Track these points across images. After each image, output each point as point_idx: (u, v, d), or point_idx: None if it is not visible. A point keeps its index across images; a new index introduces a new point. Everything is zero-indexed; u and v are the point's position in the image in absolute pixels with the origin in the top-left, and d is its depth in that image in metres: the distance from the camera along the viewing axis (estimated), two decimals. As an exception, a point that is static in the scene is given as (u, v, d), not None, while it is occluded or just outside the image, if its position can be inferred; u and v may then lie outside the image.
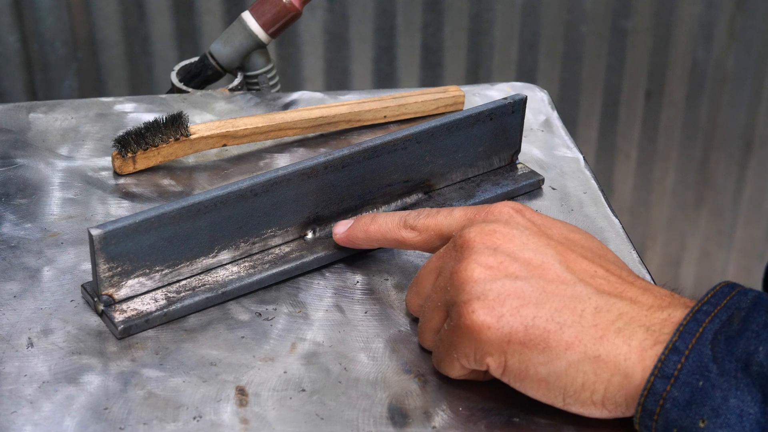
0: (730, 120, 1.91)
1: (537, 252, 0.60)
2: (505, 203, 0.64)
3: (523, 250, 0.60)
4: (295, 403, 0.62)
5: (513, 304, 0.58)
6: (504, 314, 0.58)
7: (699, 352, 0.55)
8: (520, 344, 0.57)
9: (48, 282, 0.70)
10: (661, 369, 0.55)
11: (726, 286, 0.58)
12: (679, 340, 0.56)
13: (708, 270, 2.06)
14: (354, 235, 0.71)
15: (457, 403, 0.62)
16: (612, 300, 0.58)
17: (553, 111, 0.94)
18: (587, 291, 0.58)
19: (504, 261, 0.60)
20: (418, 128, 0.75)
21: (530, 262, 0.60)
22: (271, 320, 0.68)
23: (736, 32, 1.83)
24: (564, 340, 0.57)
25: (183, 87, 0.97)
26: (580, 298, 0.58)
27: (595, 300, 0.58)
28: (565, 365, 0.57)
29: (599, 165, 1.93)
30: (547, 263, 0.60)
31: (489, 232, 0.61)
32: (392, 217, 0.69)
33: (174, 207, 0.66)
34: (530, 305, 0.58)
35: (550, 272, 0.59)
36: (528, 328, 0.57)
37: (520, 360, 0.58)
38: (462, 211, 0.66)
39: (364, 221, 0.70)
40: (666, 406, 0.55)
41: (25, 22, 1.59)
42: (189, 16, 1.66)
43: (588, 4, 1.77)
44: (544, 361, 0.57)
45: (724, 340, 0.55)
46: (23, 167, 0.83)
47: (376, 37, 1.73)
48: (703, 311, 0.57)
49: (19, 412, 0.61)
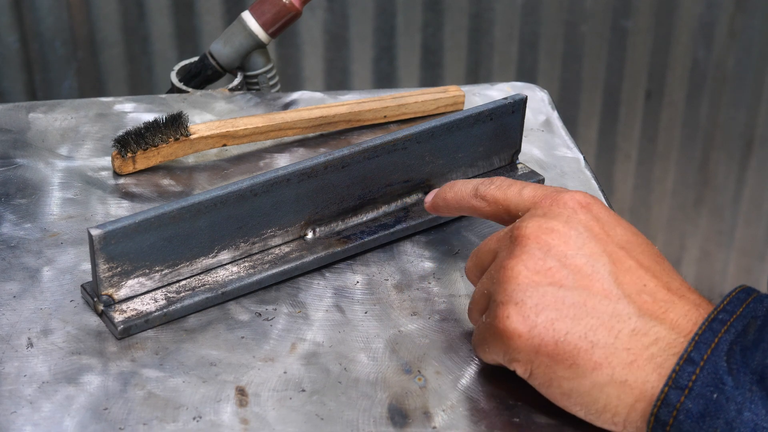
0: (730, 120, 1.91)
1: (590, 258, 0.59)
2: (575, 195, 0.62)
3: (577, 254, 0.59)
4: (295, 404, 0.62)
5: (549, 315, 0.57)
6: (537, 325, 0.57)
7: (714, 363, 0.54)
8: (548, 357, 0.57)
9: (48, 282, 0.70)
10: (675, 380, 0.54)
11: (742, 292, 0.57)
12: (695, 350, 0.55)
13: (708, 270, 2.06)
14: (436, 203, 0.71)
15: (457, 403, 0.62)
16: (651, 323, 0.57)
17: (553, 111, 0.94)
18: (629, 310, 0.57)
19: (553, 267, 0.58)
20: (418, 128, 0.75)
21: (580, 269, 0.58)
22: (271, 320, 0.68)
23: (736, 32, 1.83)
24: (593, 360, 0.56)
25: (183, 87, 0.97)
26: (620, 317, 0.57)
27: (635, 321, 0.57)
28: (589, 385, 0.56)
29: (599, 165, 1.93)
30: (597, 273, 0.58)
31: (546, 231, 0.60)
32: (467, 185, 0.68)
33: (174, 207, 0.66)
34: (566, 319, 0.57)
35: (596, 284, 0.58)
36: (558, 342, 0.57)
37: (545, 372, 0.57)
38: (532, 191, 0.64)
39: (444, 189, 0.70)
40: (679, 417, 0.54)
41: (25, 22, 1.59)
42: (189, 16, 1.66)
43: (588, 3, 1.77)
44: (569, 376, 0.57)
45: (739, 351, 0.54)
46: (23, 167, 0.83)
47: (376, 37, 1.73)
48: (719, 320, 0.56)
49: (19, 412, 0.60)
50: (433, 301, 0.70)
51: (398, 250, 0.75)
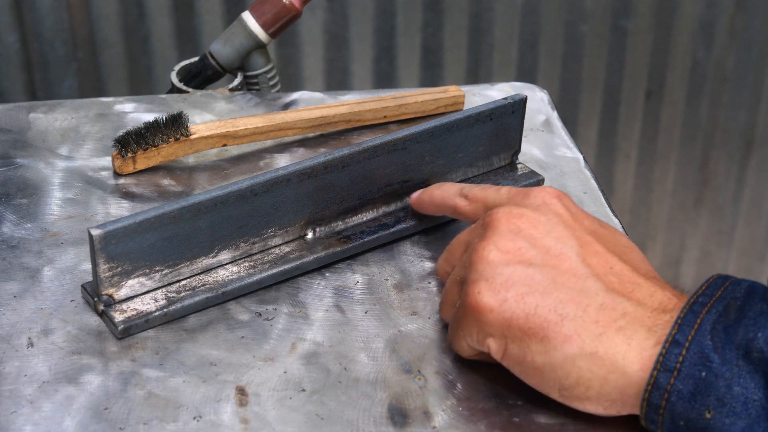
0: (730, 120, 1.91)
1: (558, 240, 0.61)
2: (546, 188, 0.65)
3: (545, 236, 0.61)
4: (295, 403, 0.62)
5: (519, 290, 0.59)
6: (508, 299, 0.59)
7: (699, 343, 0.55)
8: (520, 330, 0.58)
9: (48, 282, 0.70)
10: (663, 363, 0.55)
11: (719, 278, 0.59)
12: (679, 332, 0.56)
13: (708, 270, 2.06)
14: (422, 198, 0.74)
15: (457, 403, 0.62)
16: (619, 299, 0.58)
17: (553, 111, 0.94)
18: (596, 287, 0.59)
19: (522, 247, 0.60)
20: (418, 128, 0.75)
21: (549, 250, 0.60)
22: (271, 320, 0.68)
23: (736, 32, 1.83)
24: (563, 333, 0.57)
25: (183, 87, 0.97)
26: (587, 292, 0.58)
27: (602, 297, 0.58)
28: (561, 358, 0.57)
29: (599, 165, 1.93)
30: (565, 254, 0.60)
31: (516, 216, 0.62)
32: (455, 186, 0.72)
33: (174, 207, 0.66)
34: (536, 294, 0.59)
35: (564, 263, 0.60)
36: (529, 315, 0.58)
37: (519, 346, 0.58)
38: (508, 190, 0.67)
39: (433, 187, 0.74)
40: (671, 399, 0.55)
41: (25, 22, 1.59)
42: (189, 16, 1.66)
43: (588, 4, 1.77)
44: (542, 350, 0.58)
45: (722, 329, 0.56)
46: (23, 167, 0.83)
47: (376, 37, 1.73)
48: (699, 303, 0.57)
49: (19, 412, 0.61)
50: (433, 301, 0.70)
51: (398, 250, 0.75)
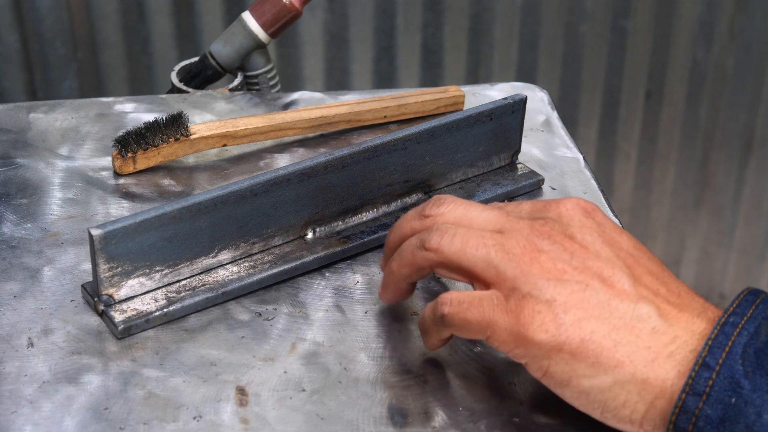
0: (730, 120, 1.91)
1: (608, 263, 0.59)
2: (572, 201, 0.63)
3: (596, 259, 0.59)
4: (295, 403, 0.62)
5: (577, 314, 0.57)
6: (565, 323, 0.57)
7: (730, 367, 0.54)
8: (570, 354, 0.57)
9: (48, 282, 0.70)
10: (692, 386, 0.54)
11: (750, 294, 0.58)
12: (709, 355, 0.55)
13: (708, 270, 2.06)
14: None
15: (457, 403, 0.62)
16: (668, 323, 0.57)
17: (553, 111, 0.94)
18: (648, 311, 0.57)
19: (578, 267, 0.59)
20: (418, 128, 0.75)
21: (601, 273, 0.59)
22: (271, 320, 0.68)
23: (736, 32, 1.83)
24: (616, 358, 0.56)
25: (183, 87, 0.97)
26: (640, 317, 0.57)
27: (654, 321, 0.57)
28: (610, 382, 0.56)
29: (599, 165, 1.93)
30: (616, 276, 0.59)
31: (567, 237, 0.60)
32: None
33: (174, 207, 0.66)
34: (592, 319, 0.57)
35: (617, 286, 0.58)
36: (584, 341, 0.56)
37: (564, 369, 0.57)
38: (530, 205, 0.64)
39: None
40: (699, 424, 0.54)
41: (25, 22, 1.59)
42: (189, 16, 1.66)
43: (588, 4, 1.77)
44: (590, 374, 0.56)
45: (753, 353, 0.55)
46: (23, 167, 0.83)
47: (376, 37, 1.73)
48: (730, 323, 0.56)
49: (19, 412, 0.61)
50: (433, 301, 0.70)
51: (398, 250, 0.75)
